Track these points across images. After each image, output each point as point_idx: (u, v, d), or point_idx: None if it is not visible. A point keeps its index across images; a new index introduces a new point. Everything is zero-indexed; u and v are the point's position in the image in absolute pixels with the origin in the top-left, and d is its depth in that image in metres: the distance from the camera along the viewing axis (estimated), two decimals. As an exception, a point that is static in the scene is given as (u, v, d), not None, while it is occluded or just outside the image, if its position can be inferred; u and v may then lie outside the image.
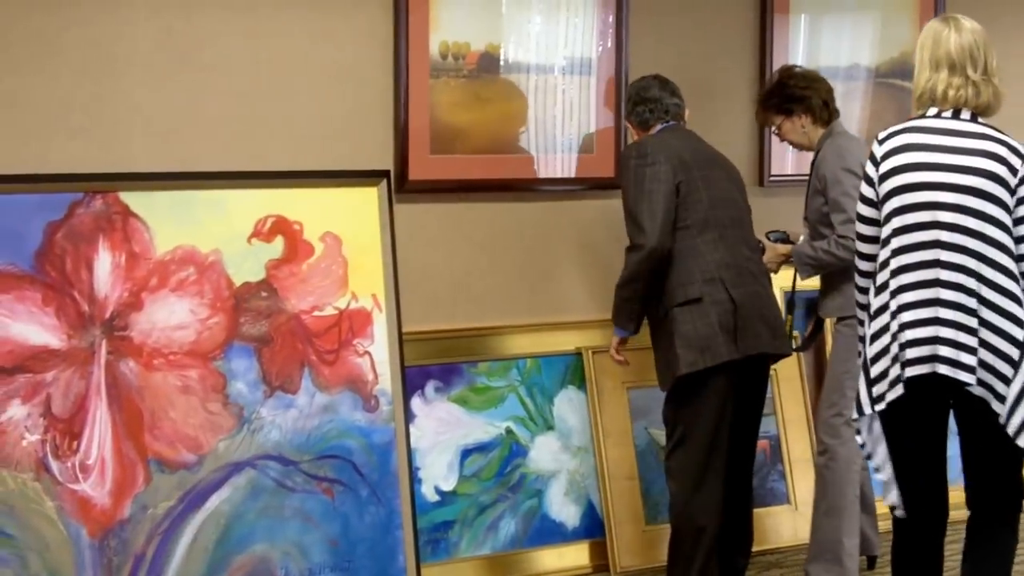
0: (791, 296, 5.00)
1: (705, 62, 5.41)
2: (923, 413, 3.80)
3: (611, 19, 5.17)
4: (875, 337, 3.78)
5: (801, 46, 5.65)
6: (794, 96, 4.82)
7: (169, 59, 4.44)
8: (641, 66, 4.96)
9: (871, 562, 5.10)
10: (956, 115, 3.82)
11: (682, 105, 4.60)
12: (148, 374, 4.19)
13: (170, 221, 4.27)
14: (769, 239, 4.90)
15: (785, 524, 5.38)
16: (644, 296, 4.35)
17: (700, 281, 4.30)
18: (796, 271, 4.84)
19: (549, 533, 5.06)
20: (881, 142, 3.84)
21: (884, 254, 3.77)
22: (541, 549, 5.03)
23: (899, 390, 3.70)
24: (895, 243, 3.74)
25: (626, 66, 5.17)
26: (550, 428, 5.10)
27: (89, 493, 4.07)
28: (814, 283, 4.95)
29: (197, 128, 4.49)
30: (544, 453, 5.08)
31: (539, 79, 5.08)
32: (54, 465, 4.03)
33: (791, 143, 4.96)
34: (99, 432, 4.10)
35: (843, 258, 4.61)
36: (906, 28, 5.93)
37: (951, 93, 3.80)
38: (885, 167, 3.80)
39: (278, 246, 4.44)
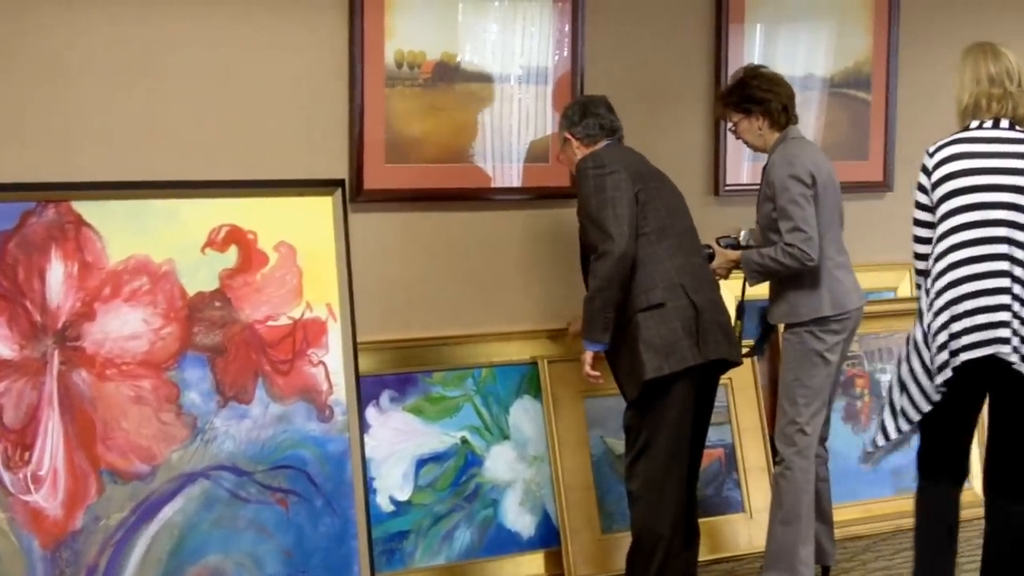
0: (740, 303, 5.04)
1: (661, 72, 5.44)
2: (972, 392, 4.34)
3: (567, 28, 5.19)
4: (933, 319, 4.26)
5: (756, 55, 5.67)
6: (754, 97, 4.82)
7: (123, 68, 4.43)
8: (597, 75, 5.00)
9: (825, 571, 5.14)
10: (996, 124, 4.31)
11: (621, 128, 4.65)
12: (101, 384, 4.18)
13: (123, 230, 4.27)
14: (719, 245, 4.95)
15: (740, 532, 5.42)
16: (617, 303, 4.34)
17: (662, 287, 4.33)
18: (745, 278, 4.89)
19: (505, 543, 5.08)
20: (931, 154, 4.33)
21: (939, 249, 4.26)
22: (497, 559, 5.05)
23: (947, 373, 4.21)
24: (951, 240, 4.23)
25: (582, 75, 5.19)
26: (506, 438, 5.12)
27: (41, 504, 4.06)
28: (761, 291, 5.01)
29: (151, 137, 4.49)
30: (500, 463, 5.10)
31: (495, 88, 5.10)
32: (5, 476, 4.03)
33: (745, 142, 4.97)
34: (51, 443, 4.09)
35: (789, 266, 4.66)
36: (860, 38, 6.00)
37: (993, 105, 4.31)
38: (937, 175, 4.29)
39: (232, 256, 4.44)
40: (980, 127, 4.32)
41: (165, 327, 4.30)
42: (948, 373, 4.21)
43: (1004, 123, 4.31)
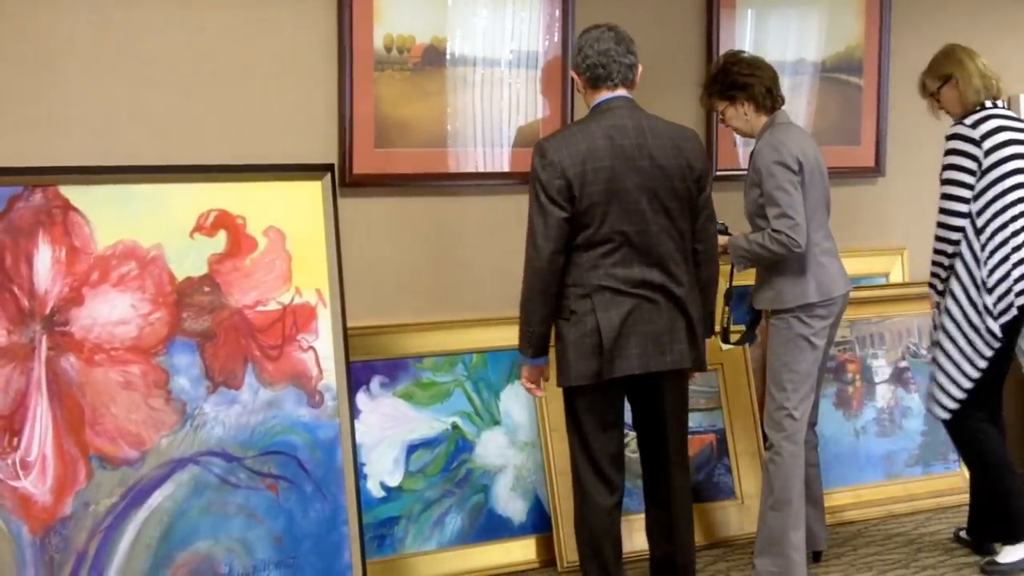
0: (728, 289, 5.03)
1: (651, 57, 5.40)
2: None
3: (557, 13, 5.21)
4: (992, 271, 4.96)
5: (748, 40, 5.70)
6: (736, 83, 4.81)
7: (109, 52, 4.44)
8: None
9: (816, 556, 5.16)
10: (996, 105, 5.04)
11: (635, 64, 4.29)
12: (89, 370, 4.18)
13: (111, 215, 4.26)
14: None
15: (732, 518, 5.44)
16: (543, 318, 4.24)
17: (574, 297, 4.18)
18: (732, 264, 4.89)
19: (496, 528, 5.10)
20: (975, 126, 4.94)
21: (1000, 205, 4.94)
22: (488, 544, 5.07)
23: (1012, 313, 4.93)
24: (1014, 196, 4.94)
25: (571, 60, 5.18)
26: (496, 423, 5.15)
27: (30, 490, 4.06)
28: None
29: (138, 122, 4.50)
30: (490, 448, 5.12)
31: (485, 72, 5.11)
32: None
33: (734, 129, 4.98)
34: (40, 428, 4.09)
35: (776, 252, 4.65)
36: (852, 22, 6.01)
37: (1002, 87, 5.09)
38: (989, 143, 4.93)
39: (221, 240, 4.44)
40: (995, 106, 5.01)
41: (154, 312, 4.29)
42: (1013, 312, 4.91)
43: (1001, 102, 5.06)
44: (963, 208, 4.94)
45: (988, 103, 5.01)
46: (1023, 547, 5.08)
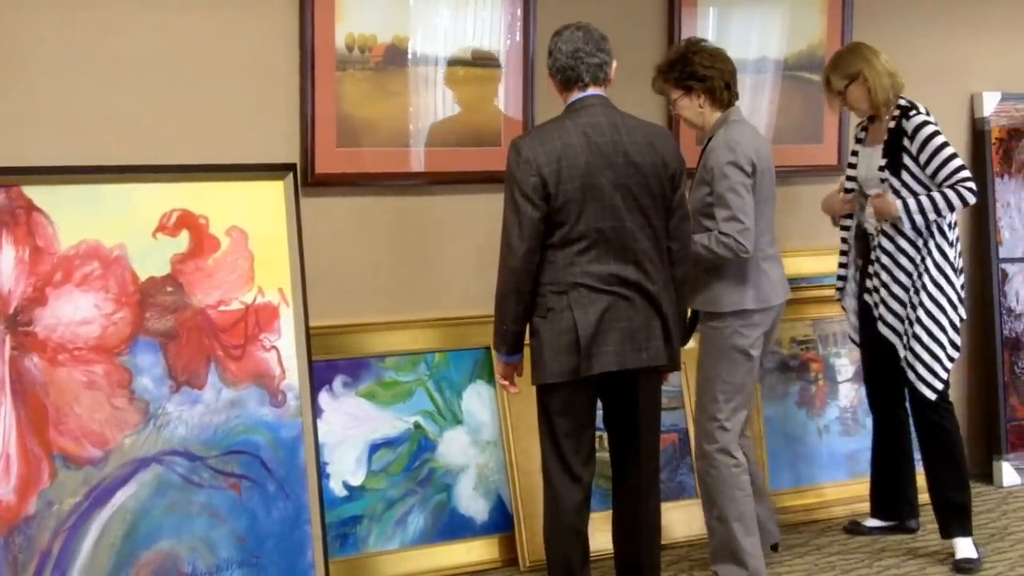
0: None
1: (613, 56, 5.58)
2: None
3: (519, 12, 5.33)
4: None
5: (709, 38, 5.63)
6: (696, 74, 4.83)
7: (75, 52, 4.55)
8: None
9: (774, 547, 5.34)
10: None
11: (607, 62, 4.38)
12: (53, 369, 4.30)
13: (75, 215, 4.38)
14: None
15: (694, 518, 5.51)
16: (517, 317, 4.36)
17: (549, 295, 4.28)
18: None
19: (458, 527, 5.23)
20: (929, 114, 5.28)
21: None
22: (450, 543, 5.20)
23: None
24: None
25: (533, 59, 5.33)
26: (459, 422, 5.27)
27: None
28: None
29: (102, 121, 4.60)
30: (453, 447, 5.26)
31: (447, 72, 5.24)
32: None
33: (684, 120, 4.99)
34: (3, 428, 4.20)
35: (722, 255, 4.71)
36: (814, 21, 6.12)
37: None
38: None
39: (183, 240, 4.56)
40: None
41: (117, 312, 4.43)
42: None
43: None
44: None
45: (902, 100, 5.27)
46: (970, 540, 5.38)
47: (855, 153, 5.50)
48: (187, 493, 4.49)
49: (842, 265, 5.52)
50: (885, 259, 5.25)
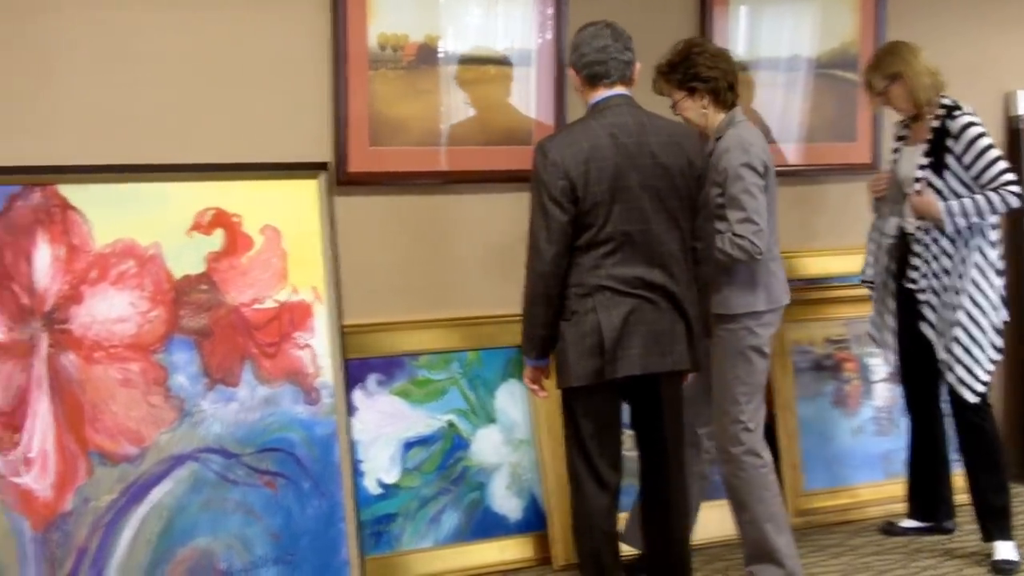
0: None
1: (643, 54, 5.42)
2: None
3: (550, 11, 5.35)
4: None
5: (741, 37, 5.82)
6: (699, 75, 4.79)
7: (107, 52, 4.60)
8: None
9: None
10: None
11: (632, 61, 4.40)
12: (89, 367, 4.38)
13: (109, 214, 4.46)
14: None
15: (727, 517, 5.32)
16: (546, 321, 4.35)
17: (574, 297, 4.27)
18: None
19: (491, 526, 5.27)
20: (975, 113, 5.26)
21: None
22: (483, 542, 5.23)
23: None
24: None
25: (565, 58, 5.27)
26: (492, 421, 5.31)
27: (31, 486, 4.26)
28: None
29: (135, 121, 4.65)
30: (486, 446, 5.29)
31: (478, 70, 5.26)
32: None
33: (686, 121, 4.85)
34: (41, 425, 4.29)
35: (736, 257, 4.68)
36: (847, 19, 6.11)
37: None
38: None
39: (218, 239, 4.64)
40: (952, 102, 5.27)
41: (152, 310, 4.50)
42: None
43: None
44: None
45: (947, 100, 5.25)
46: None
47: (896, 151, 5.50)
48: (222, 490, 4.56)
49: (869, 265, 5.53)
50: (925, 259, 5.26)
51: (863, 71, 5.51)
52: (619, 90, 4.37)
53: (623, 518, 4.79)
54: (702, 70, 4.80)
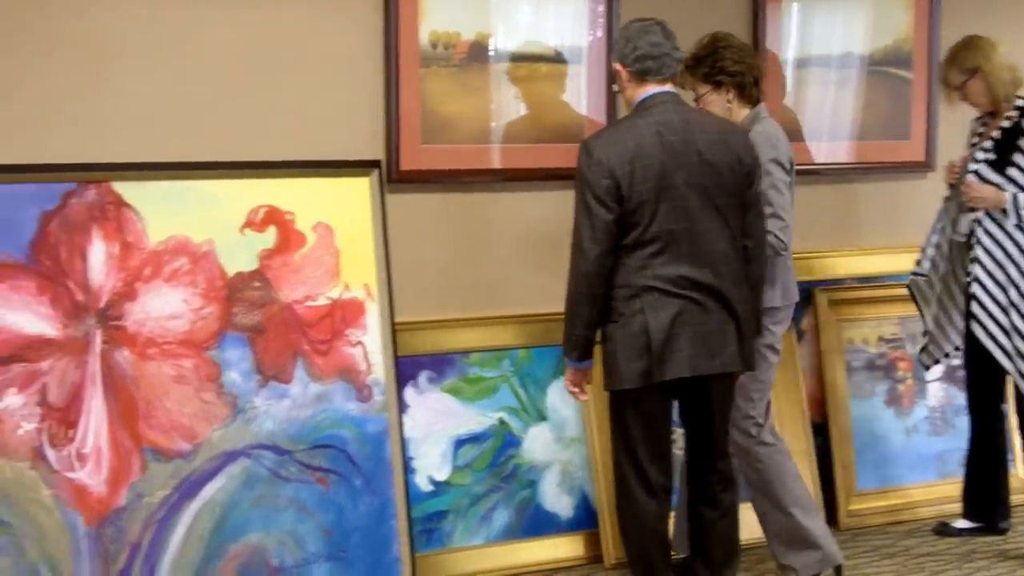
0: None
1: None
2: None
3: (601, 8, 5.36)
4: None
5: (793, 34, 5.83)
6: (726, 69, 4.76)
7: (160, 50, 4.64)
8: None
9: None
10: None
11: (680, 60, 4.41)
12: (143, 363, 4.41)
13: (163, 211, 4.49)
14: None
15: None
16: (589, 322, 4.36)
17: (621, 298, 4.26)
18: None
19: (543, 524, 5.28)
20: None
21: None
22: (535, 540, 5.25)
23: None
24: None
25: (618, 51, 5.35)
26: (543, 419, 5.32)
27: (85, 481, 4.29)
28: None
29: (189, 118, 4.69)
30: (537, 444, 5.30)
31: (529, 68, 5.28)
32: (50, 454, 4.26)
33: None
34: (95, 421, 4.32)
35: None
36: (900, 15, 6.11)
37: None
38: None
39: (271, 236, 4.66)
40: None
41: (205, 307, 4.53)
42: None
43: None
44: None
45: (1021, 99, 5.23)
46: None
47: (973, 145, 5.45)
48: (275, 487, 4.58)
49: (928, 258, 5.49)
50: (984, 257, 5.23)
51: (940, 66, 5.47)
52: (668, 87, 4.35)
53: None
54: (728, 64, 4.77)
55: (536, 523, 5.29)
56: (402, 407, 4.91)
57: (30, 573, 4.22)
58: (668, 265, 4.22)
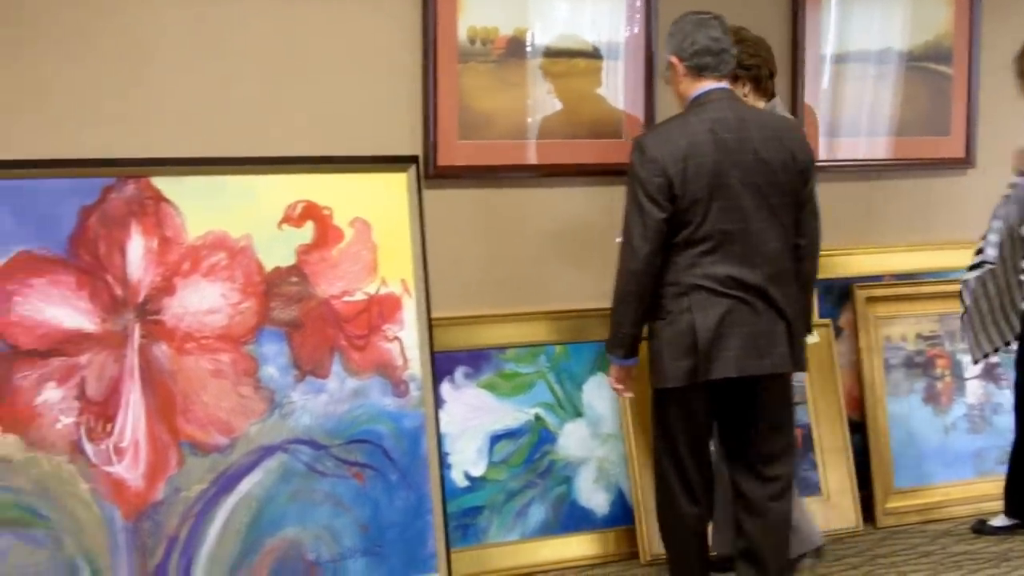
0: None
1: None
2: None
3: (639, 3, 5.36)
4: None
5: (832, 30, 5.82)
6: (742, 63, 4.67)
7: (198, 45, 4.67)
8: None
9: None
10: None
11: (735, 57, 4.39)
12: (180, 358, 4.43)
13: (201, 206, 4.50)
14: None
15: (817, 514, 5.43)
16: (636, 320, 4.33)
17: (669, 296, 4.23)
18: None
19: (578, 520, 5.28)
20: None
21: None
22: (570, 536, 5.26)
23: None
24: None
25: (655, 50, 5.35)
26: (579, 415, 5.32)
27: (123, 475, 4.31)
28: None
29: (227, 114, 4.72)
30: (573, 440, 5.30)
31: (567, 64, 5.29)
32: (88, 447, 4.28)
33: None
34: (132, 415, 4.34)
35: None
36: (940, 11, 6.08)
37: None
38: None
39: (308, 231, 4.67)
40: None
41: (243, 302, 4.54)
42: None
43: None
44: None
45: None
46: None
47: None
48: (311, 481, 4.59)
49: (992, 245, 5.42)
50: None
51: (1013, 59, 5.42)
52: (724, 84, 4.32)
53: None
54: (744, 58, 4.72)
55: (572, 519, 5.29)
56: (438, 402, 4.91)
57: (68, 566, 4.24)
58: (718, 264, 4.19)
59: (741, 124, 4.23)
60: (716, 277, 4.19)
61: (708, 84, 4.29)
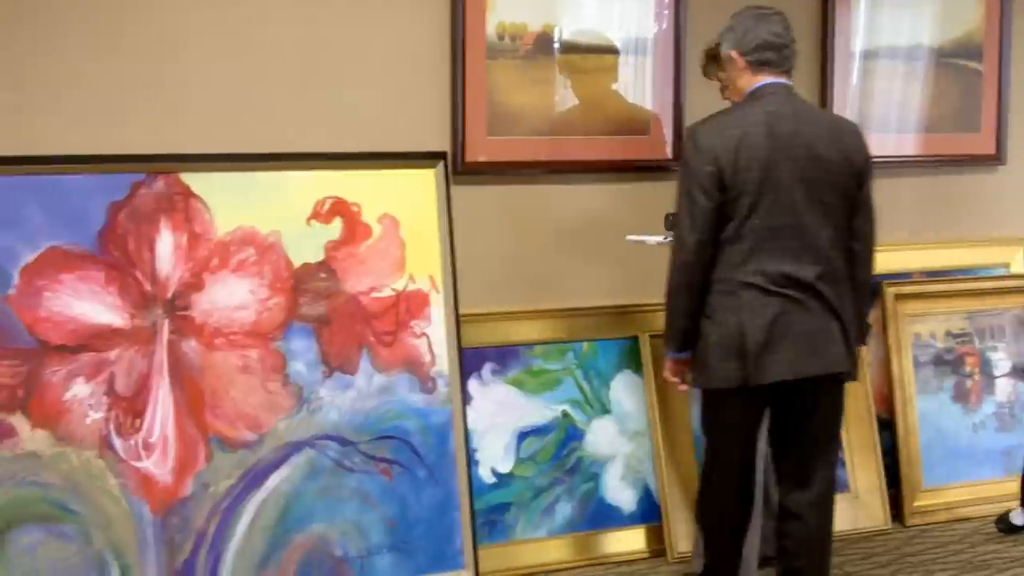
0: None
1: None
2: None
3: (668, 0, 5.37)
4: None
5: (862, 25, 5.81)
6: None
7: (228, 42, 4.69)
8: (699, 47, 5.15)
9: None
10: None
11: (796, 52, 4.30)
12: (209, 354, 4.44)
13: (230, 202, 4.50)
14: None
15: (846, 512, 5.47)
16: (689, 312, 4.25)
17: (718, 294, 4.16)
18: None
19: (605, 517, 5.28)
20: None
21: None
22: (597, 533, 5.25)
23: None
24: None
25: (684, 46, 5.35)
26: (606, 412, 5.32)
27: (152, 470, 4.33)
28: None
29: (256, 110, 4.73)
30: (600, 437, 5.31)
31: (595, 60, 5.28)
32: (117, 443, 4.29)
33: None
34: (161, 410, 4.36)
35: None
36: (971, 6, 6.07)
37: None
38: None
39: (336, 227, 4.67)
40: None
41: (272, 298, 4.55)
42: None
43: None
44: None
45: None
46: None
47: None
48: (339, 477, 4.59)
49: None
50: None
51: None
52: (782, 79, 4.24)
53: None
54: None
55: (599, 516, 5.29)
56: (466, 399, 4.91)
57: (96, 561, 4.25)
58: (769, 260, 4.10)
59: (797, 119, 4.16)
60: (767, 274, 4.10)
61: (766, 78, 4.22)
